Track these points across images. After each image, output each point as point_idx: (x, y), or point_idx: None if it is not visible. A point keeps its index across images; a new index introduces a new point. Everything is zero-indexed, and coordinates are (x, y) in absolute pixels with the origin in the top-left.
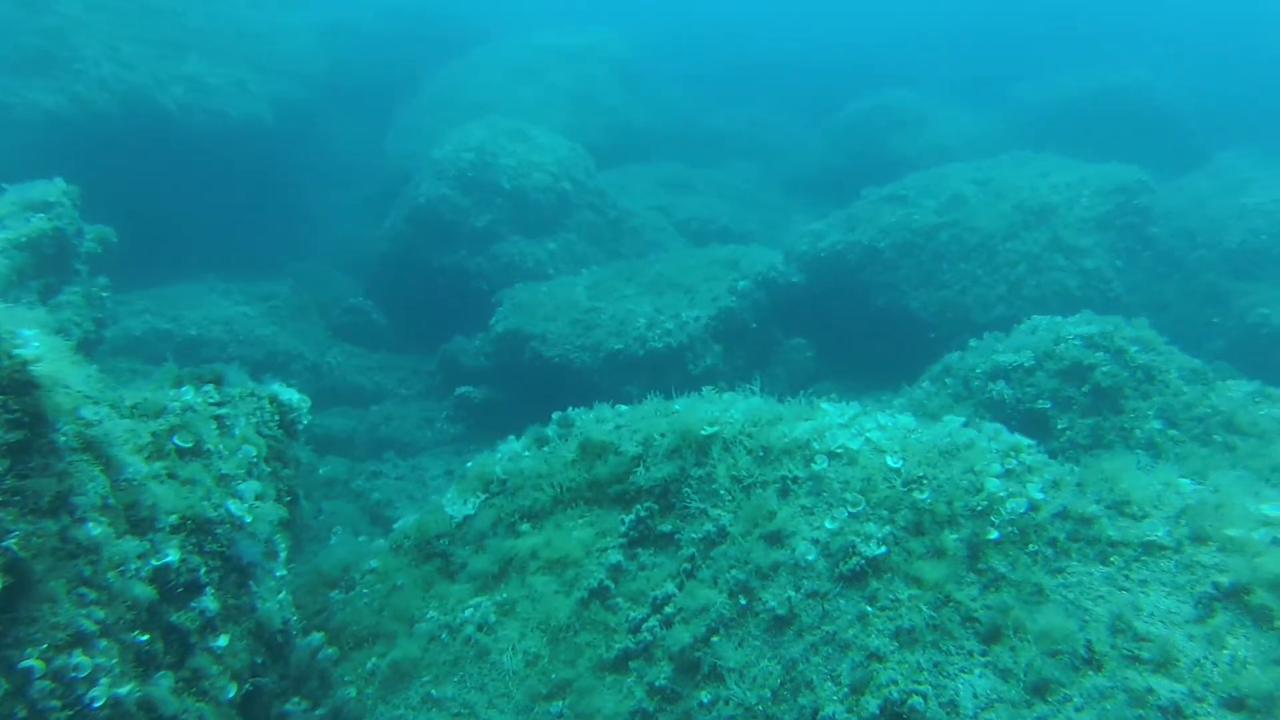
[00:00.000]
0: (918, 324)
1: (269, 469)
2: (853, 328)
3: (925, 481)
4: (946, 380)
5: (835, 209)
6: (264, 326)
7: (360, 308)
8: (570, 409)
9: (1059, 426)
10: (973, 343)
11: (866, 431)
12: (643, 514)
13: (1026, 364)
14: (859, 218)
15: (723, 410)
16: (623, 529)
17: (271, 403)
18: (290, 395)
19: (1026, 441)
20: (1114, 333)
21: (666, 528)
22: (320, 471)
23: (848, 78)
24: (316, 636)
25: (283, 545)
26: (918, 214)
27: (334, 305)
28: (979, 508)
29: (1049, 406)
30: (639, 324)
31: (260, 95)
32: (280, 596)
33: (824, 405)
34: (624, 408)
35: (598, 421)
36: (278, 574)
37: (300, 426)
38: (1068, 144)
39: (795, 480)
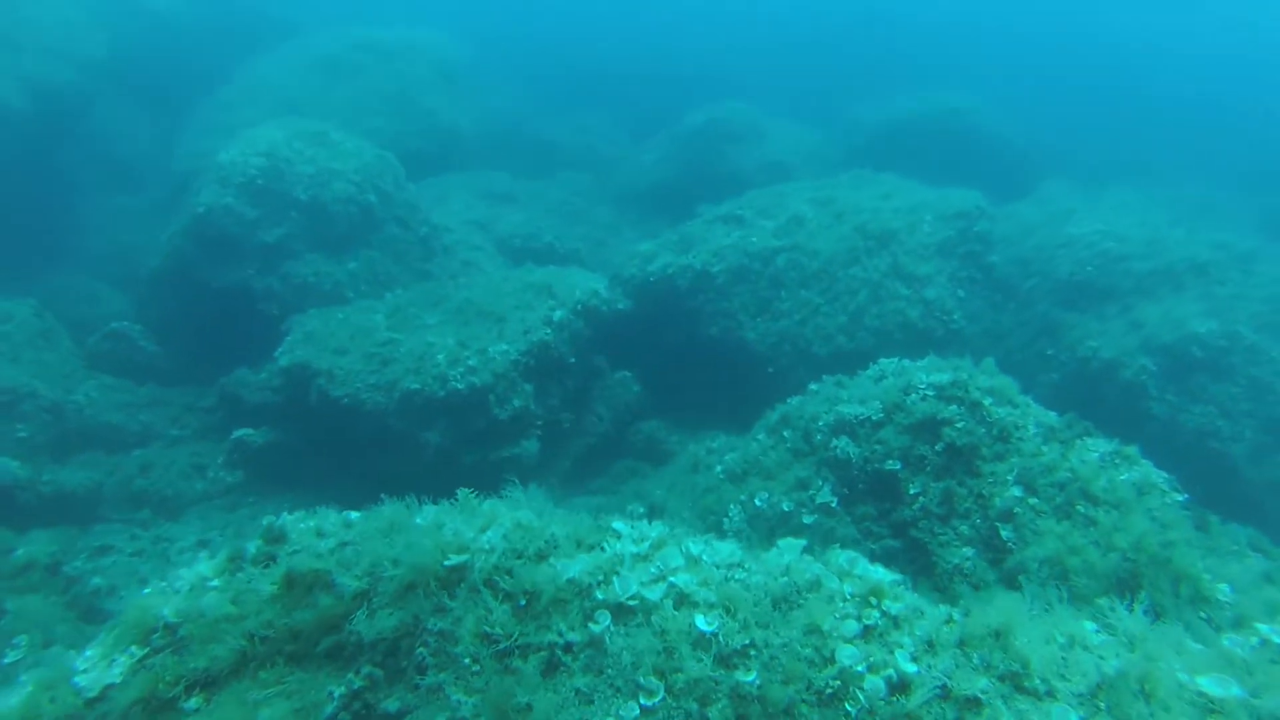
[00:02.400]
0: (754, 356)
1: None
2: (684, 360)
3: (752, 654)
4: (784, 433)
5: (668, 226)
6: None
7: (124, 333)
8: (285, 515)
9: (910, 492)
10: (813, 386)
11: (671, 572)
12: (359, 684)
13: (874, 417)
14: (692, 238)
15: (479, 529)
16: (330, 709)
17: None
18: None
19: (890, 577)
20: (968, 382)
21: (393, 706)
22: (17, 554)
23: (684, 90)
24: None
25: None
26: (754, 236)
27: (98, 328)
28: (828, 690)
29: (899, 468)
30: (439, 360)
31: (9, 76)
32: None
33: (616, 525)
34: (355, 515)
35: (318, 535)
36: None
37: None
38: (903, 164)
39: (568, 648)
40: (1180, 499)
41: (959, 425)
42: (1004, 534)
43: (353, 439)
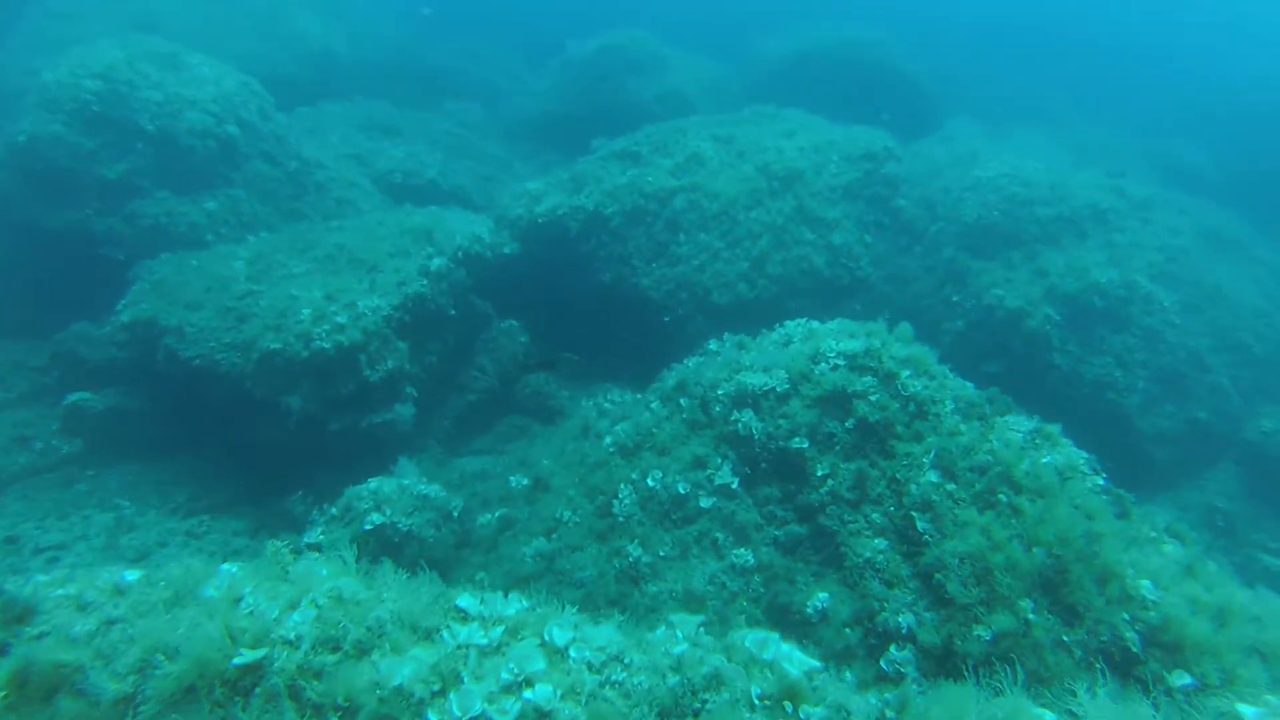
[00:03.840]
0: (650, 304)
1: None
2: (576, 308)
3: None
4: (681, 401)
5: (563, 160)
6: None
7: None
8: (38, 577)
9: (818, 474)
10: (712, 344)
11: (529, 678)
12: None
13: (779, 388)
14: (585, 177)
15: (286, 606)
16: None
17: None
18: None
19: (807, 665)
20: (881, 351)
21: None
22: None
23: (585, 15)
24: None
25: None
26: (651, 175)
27: None
28: None
29: (806, 446)
30: (303, 316)
31: None
32: None
33: (462, 600)
34: (132, 577)
35: (79, 608)
36: None
37: None
38: (809, 98)
39: None
40: (1101, 481)
41: (872, 399)
42: (920, 525)
43: (206, 405)
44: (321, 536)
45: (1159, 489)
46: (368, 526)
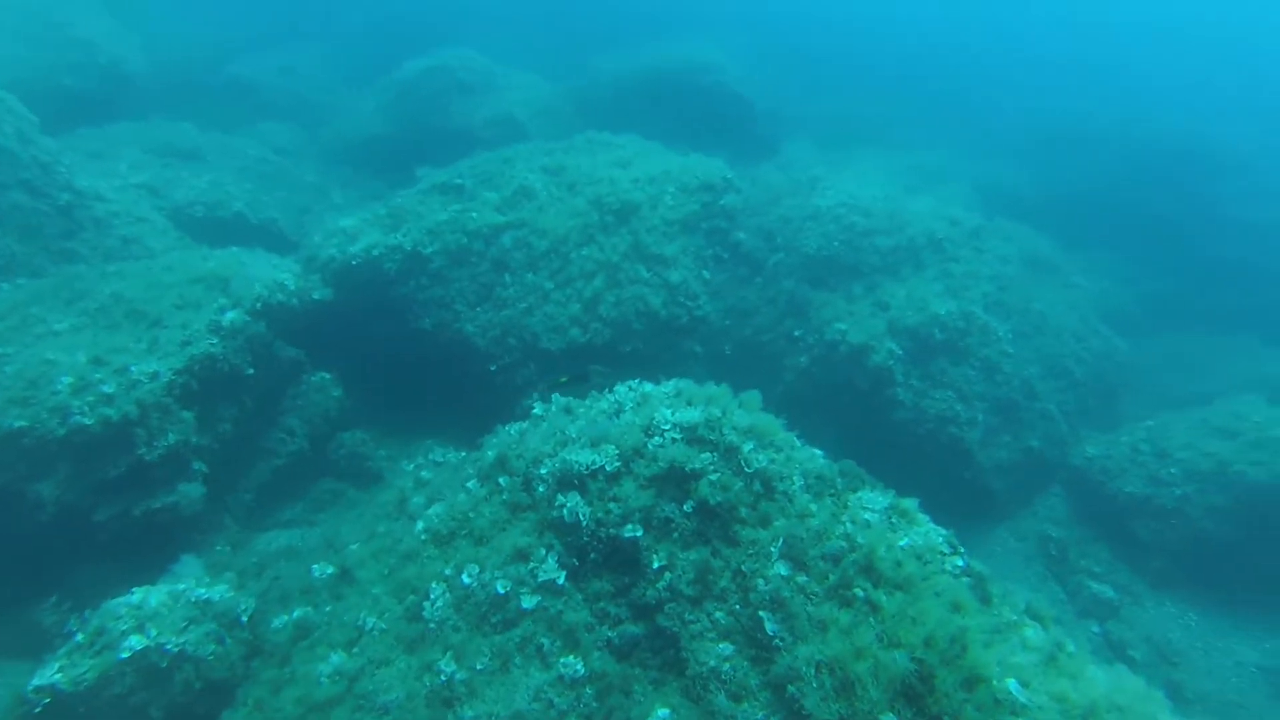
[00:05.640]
0: (474, 352)
1: None
2: (395, 357)
3: None
4: (500, 480)
5: (387, 189)
6: None
7: None
8: None
9: (654, 565)
10: (537, 409)
11: None
12: None
13: (609, 467)
14: (404, 213)
15: None
16: None
17: None
18: None
19: None
20: (721, 420)
21: None
22: None
23: (410, 30)
24: None
25: None
26: (475, 210)
27: None
28: None
29: (640, 534)
30: (61, 385)
31: None
32: None
33: None
34: None
35: None
36: None
37: None
38: (645, 122)
39: None
40: (960, 563)
41: (712, 478)
42: (769, 627)
43: None
44: (58, 676)
45: (999, 520)
46: (124, 655)
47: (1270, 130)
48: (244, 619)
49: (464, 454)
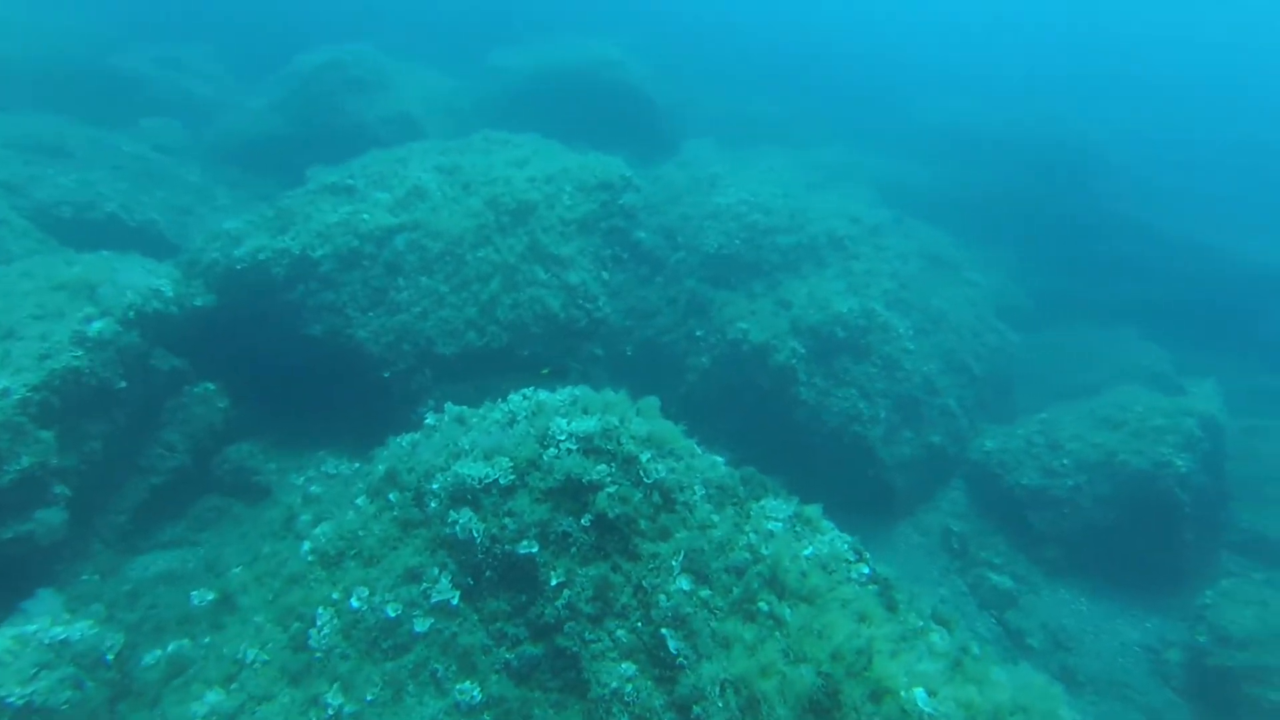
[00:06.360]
0: (368, 359)
1: None
2: (285, 365)
3: None
4: (390, 495)
5: (278, 189)
6: None
7: None
8: None
9: (552, 583)
10: (429, 419)
11: None
12: None
13: (503, 480)
14: (292, 214)
15: None
16: None
17: None
18: None
19: None
20: (619, 429)
21: None
22: None
23: (302, 24)
24: None
25: None
26: (367, 212)
27: None
28: None
29: (536, 550)
30: None
31: None
32: None
33: None
34: None
35: None
36: None
37: None
38: (546, 120)
39: None
40: (866, 570)
41: (610, 490)
42: (672, 645)
43: None
44: None
45: (902, 515)
46: None
47: (1150, 131)
48: (109, 657)
49: (357, 465)
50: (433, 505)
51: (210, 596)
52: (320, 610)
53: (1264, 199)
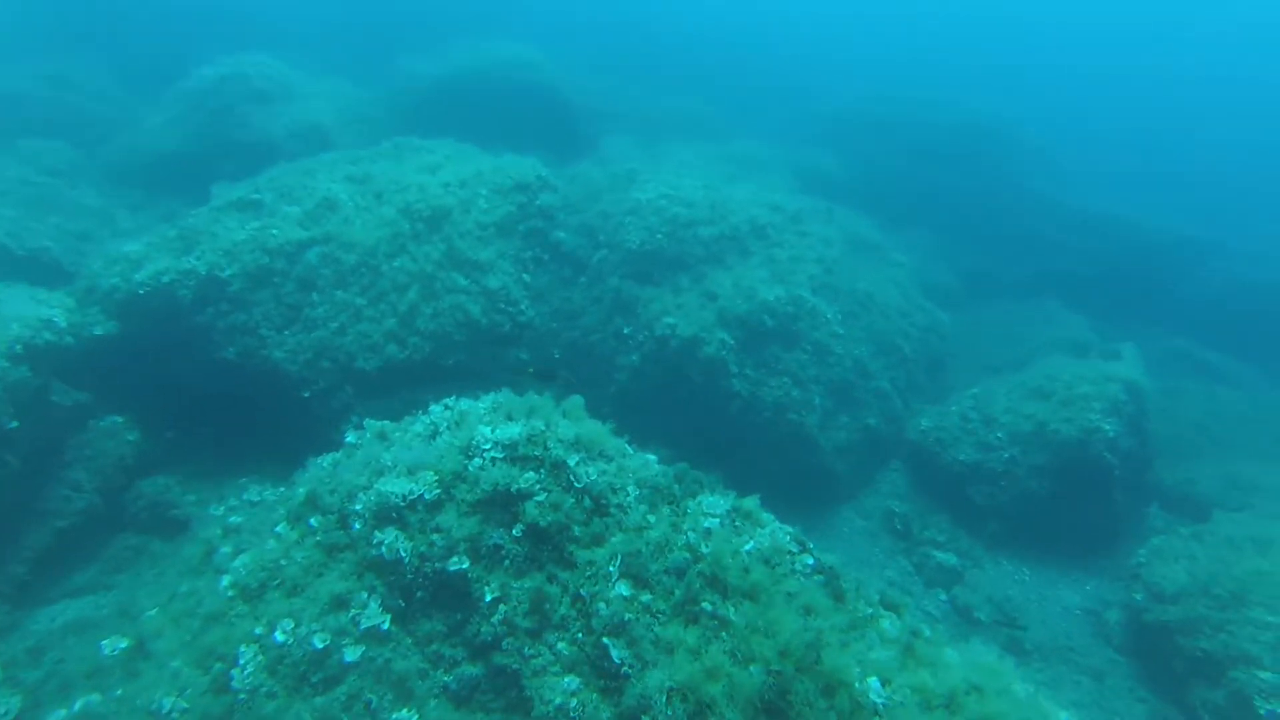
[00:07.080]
0: (286, 379)
1: None
2: (199, 391)
3: None
4: (312, 520)
5: (183, 209)
6: None
7: None
8: None
9: (487, 599)
10: (350, 437)
11: None
12: None
13: (428, 496)
14: (196, 234)
15: None
16: None
17: None
18: None
19: None
20: (545, 434)
21: None
22: None
23: (198, 33)
24: None
25: None
26: (276, 227)
27: None
28: None
29: (468, 566)
30: None
31: None
32: None
33: None
34: None
35: None
36: None
37: None
38: (461, 125)
39: None
40: (810, 561)
41: (540, 498)
42: (615, 655)
43: None
44: None
45: (844, 500)
46: None
47: (1061, 111)
48: None
49: (281, 490)
50: (357, 527)
51: (123, 644)
52: (242, 648)
53: (1164, 172)
